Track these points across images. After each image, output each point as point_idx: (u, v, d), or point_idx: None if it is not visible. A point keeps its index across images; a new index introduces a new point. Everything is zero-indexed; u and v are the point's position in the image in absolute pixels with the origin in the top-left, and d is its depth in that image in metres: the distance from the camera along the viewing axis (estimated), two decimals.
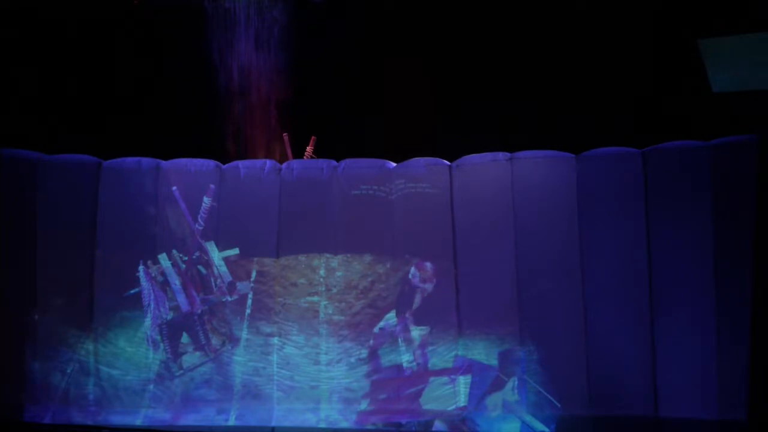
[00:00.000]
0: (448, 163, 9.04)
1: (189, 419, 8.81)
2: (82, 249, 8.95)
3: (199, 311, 8.99)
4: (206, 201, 9.04)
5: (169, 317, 8.97)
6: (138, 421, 8.78)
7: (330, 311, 8.93)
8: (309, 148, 9.56)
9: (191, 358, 8.93)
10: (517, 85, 9.46)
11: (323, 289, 8.96)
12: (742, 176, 8.28)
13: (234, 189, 9.11)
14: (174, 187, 9.04)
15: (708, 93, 8.49)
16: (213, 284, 9.03)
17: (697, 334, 8.32)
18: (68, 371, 8.84)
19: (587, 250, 8.65)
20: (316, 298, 8.96)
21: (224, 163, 9.25)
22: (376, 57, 9.81)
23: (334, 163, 9.16)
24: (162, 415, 8.82)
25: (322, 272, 8.98)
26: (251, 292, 8.98)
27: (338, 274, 8.97)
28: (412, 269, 8.85)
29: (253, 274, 9.02)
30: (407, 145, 9.26)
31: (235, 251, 9.02)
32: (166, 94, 9.85)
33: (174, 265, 9.01)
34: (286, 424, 8.78)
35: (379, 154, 9.22)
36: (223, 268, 9.00)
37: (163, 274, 9.01)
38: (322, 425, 8.75)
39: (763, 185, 8.13)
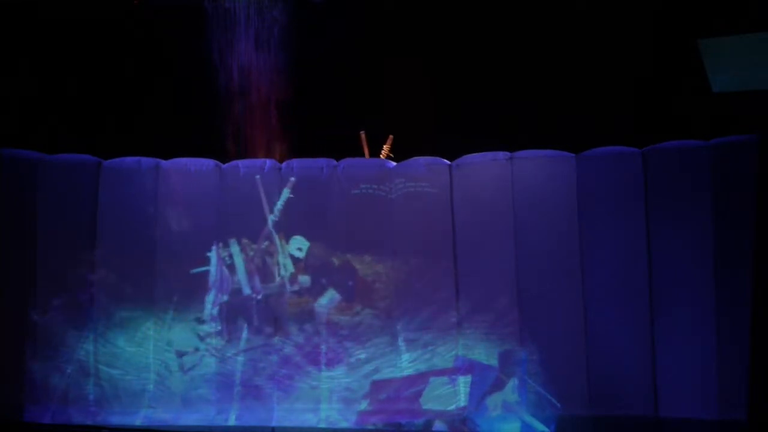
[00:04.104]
0: (448, 162, 9.04)
1: (189, 419, 8.80)
2: (82, 249, 8.96)
3: (258, 298, 8.98)
4: (285, 192, 9.03)
5: (229, 299, 8.97)
6: (138, 421, 8.78)
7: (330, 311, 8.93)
8: (386, 147, 9.50)
9: (192, 358, 8.92)
10: (517, 85, 9.45)
11: None
12: (742, 176, 8.29)
13: (233, 188, 9.10)
14: (257, 176, 9.03)
15: (708, 93, 8.48)
16: (276, 274, 9.02)
17: (697, 334, 8.32)
18: (68, 371, 8.84)
19: (587, 250, 8.65)
20: None
21: (224, 163, 9.25)
22: (376, 57, 9.80)
23: (334, 162, 9.16)
24: (162, 415, 8.82)
25: None
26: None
27: None
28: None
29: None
30: (407, 145, 9.26)
31: (307, 244, 9.00)
32: (166, 94, 9.84)
33: (242, 251, 9.01)
34: (286, 424, 8.77)
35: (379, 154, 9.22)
36: (288, 260, 8.99)
37: (231, 257, 9.00)
38: (322, 425, 8.74)
39: (763, 185, 8.13)
